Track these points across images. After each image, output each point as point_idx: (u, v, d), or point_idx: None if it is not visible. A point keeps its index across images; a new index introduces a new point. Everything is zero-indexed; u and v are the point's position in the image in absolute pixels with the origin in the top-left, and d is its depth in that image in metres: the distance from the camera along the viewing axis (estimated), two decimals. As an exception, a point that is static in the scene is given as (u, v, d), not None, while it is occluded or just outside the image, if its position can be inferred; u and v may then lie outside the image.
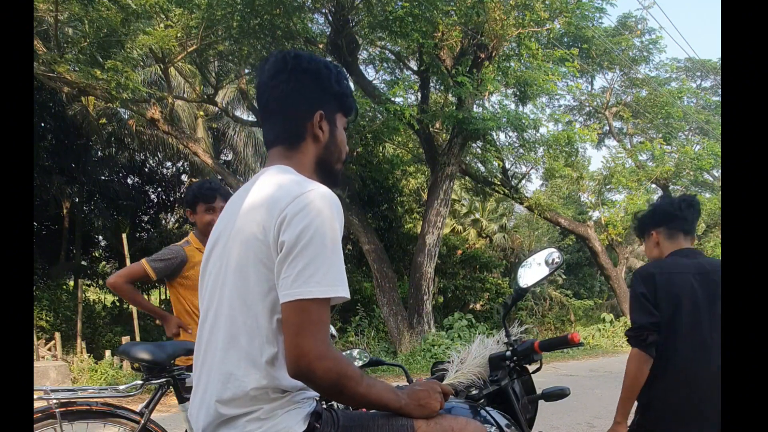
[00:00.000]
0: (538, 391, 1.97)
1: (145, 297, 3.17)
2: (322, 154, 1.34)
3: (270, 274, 1.18)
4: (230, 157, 17.24)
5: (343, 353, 2.16)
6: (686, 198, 2.37)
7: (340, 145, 1.37)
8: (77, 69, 8.75)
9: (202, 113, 13.35)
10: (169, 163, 16.75)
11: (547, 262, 1.88)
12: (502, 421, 1.70)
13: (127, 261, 8.57)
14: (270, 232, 1.17)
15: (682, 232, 2.31)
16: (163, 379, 2.38)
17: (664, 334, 2.14)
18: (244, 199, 1.27)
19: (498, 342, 1.95)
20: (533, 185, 67.51)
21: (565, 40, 13.83)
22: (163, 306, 14.88)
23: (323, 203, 1.17)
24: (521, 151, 14.42)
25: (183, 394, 2.44)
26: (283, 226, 1.15)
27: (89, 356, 8.62)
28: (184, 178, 17.16)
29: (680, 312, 2.13)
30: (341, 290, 1.16)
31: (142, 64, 11.79)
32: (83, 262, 14.18)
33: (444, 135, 12.40)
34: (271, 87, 1.32)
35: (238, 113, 14.68)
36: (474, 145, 13.29)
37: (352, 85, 1.51)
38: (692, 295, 2.14)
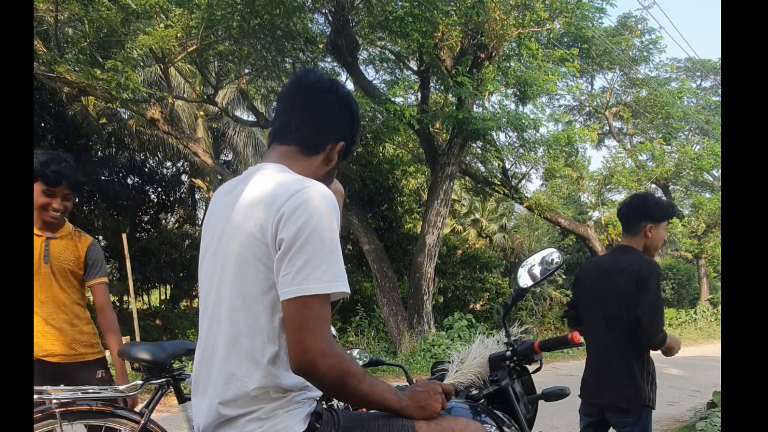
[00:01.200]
0: (538, 391, 1.97)
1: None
2: (322, 178, 1.37)
3: (269, 273, 1.18)
4: (230, 157, 17.24)
5: (344, 353, 2.16)
6: (626, 200, 2.88)
7: (332, 178, 1.45)
8: (77, 69, 8.74)
9: (202, 113, 13.34)
10: (169, 163, 16.74)
11: (547, 262, 1.88)
12: (502, 421, 1.70)
13: (127, 261, 8.57)
14: (268, 231, 1.17)
15: (624, 230, 2.80)
16: (163, 379, 2.38)
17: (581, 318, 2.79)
18: (238, 197, 1.27)
19: (498, 342, 1.95)
20: (533, 185, 67.50)
21: (565, 40, 13.82)
22: (163, 306, 14.87)
23: (321, 200, 1.18)
24: (521, 151, 14.40)
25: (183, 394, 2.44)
26: (281, 224, 1.16)
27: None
28: (184, 178, 17.17)
29: (583, 303, 2.79)
30: (341, 286, 1.17)
31: (142, 64, 11.78)
32: (83, 262, 14.11)
33: (444, 135, 12.40)
34: (317, 95, 1.37)
35: (238, 113, 14.68)
36: (474, 145, 13.27)
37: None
38: (591, 289, 2.74)
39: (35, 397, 2.05)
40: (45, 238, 2.51)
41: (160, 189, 16.48)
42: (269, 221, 1.17)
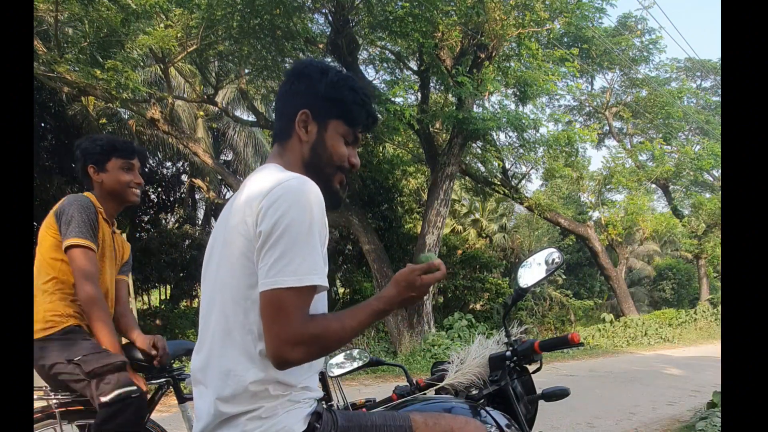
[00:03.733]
0: (538, 391, 1.97)
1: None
2: (309, 155, 1.34)
3: (254, 268, 1.19)
4: (230, 157, 17.25)
5: (343, 353, 2.16)
6: None
7: (330, 150, 1.35)
8: (77, 69, 8.74)
9: (202, 113, 13.35)
10: (169, 163, 16.75)
11: (547, 262, 1.87)
12: (502, 421, 1.70)
13: (127, 261, 8.56)
14: (251, 226, 1.19)
15: None
16: (163, 379, 2.38)
17: None
18: (236, 199, 1.30)
19: (498, 342, 1.95)
20: (533, 185, 67.57)
21: (565, 40, 13.82)
22: (163, 306, 14.87)
23: (300, 192, 1.18)
24: (521, 151, 14.41)
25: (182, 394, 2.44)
26: (259, 217, 1.18)
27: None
28: (184, 178, 17.17)
29: None
30: (317, 279, 1.16)
31: (142, 64, 11.78)
32: (83, 262, 14.08)
33: (444, 135, 12.40)
34: (279, 88, 1.41)
35: (238, 113, 14.69)
36: (474, 145, 13.28)
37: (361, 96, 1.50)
38: None
39: (35, 397, 2.05)
40: (111, 232, 2.34)
41: (160, 189, 16.46)
42: (251, 217, 1.19)
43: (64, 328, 2.11)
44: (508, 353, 1.85)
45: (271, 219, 1.15)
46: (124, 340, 2.40)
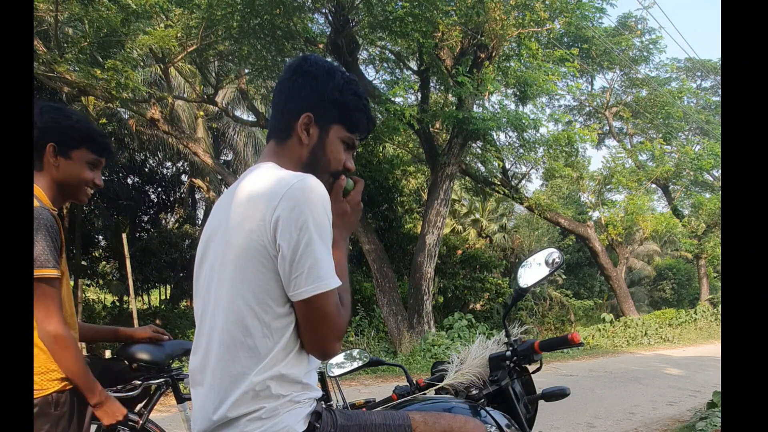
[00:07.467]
0: (538, 391, 1.97)
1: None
2: (307, 158, 1.34)
3: (269, 273, 1.19)
4: (230, 157, 17.27)
5: (344, 353, 2.17)
6: None
7: (329, 155, 1.35)
8: (77, 69, 8.75)
9: (202, 113, 13.36)
10: (169, 163, 16.77)
11: (547, 262, 1.88)
12: (502, 421, 1.70)
13: (127, 261, 8.57)
14: (266, 232, 1.18)
15: None
16: (162, 379, 2.37)
17: None
18: (233, 199, 1.28)
19: (498, 342, 1.95)
20: (533, 185, 67.56)
21: (565, 40, 13.83)
22: (163, 306, 14.87)
23: (313, 193, 1.19)
24: (521, 151, 14.42)
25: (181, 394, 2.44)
26: (279, 224, 1.16)
27: (88, 356, 8.58)
28: (184, 178, 17.18)
29: None
30: (339, 279, 1.23)
31: (142, 64, 11.79)
32: (83, 262, 14.18)
33: (444, 135, 12.40)
34: (279, 83, 1.39)
35: (238, 113, 14.70)
36: (474, 145, 13.28)
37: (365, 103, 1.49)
38: None
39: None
40: None
41: (160, 189, 16.50)
42: (265, 222, 1.18)
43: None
44: (508, 353, 1.85)
45: (295, 226, 1.16)
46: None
